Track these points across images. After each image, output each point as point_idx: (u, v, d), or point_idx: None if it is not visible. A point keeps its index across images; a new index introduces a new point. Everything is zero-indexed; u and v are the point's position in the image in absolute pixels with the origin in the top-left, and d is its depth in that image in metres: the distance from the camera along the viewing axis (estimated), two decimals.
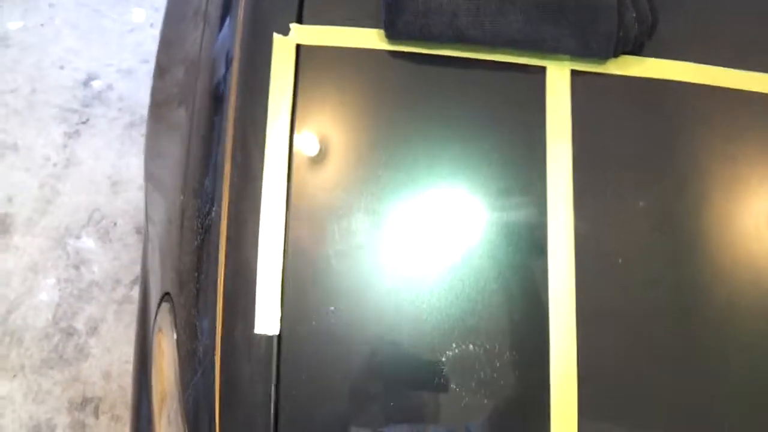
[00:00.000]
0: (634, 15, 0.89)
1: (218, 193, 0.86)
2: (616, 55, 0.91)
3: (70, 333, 1.87)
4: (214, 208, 0.86)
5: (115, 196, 2.08)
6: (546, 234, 0.86)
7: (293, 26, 0.92)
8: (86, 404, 1.79)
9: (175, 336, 0.89)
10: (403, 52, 0.91)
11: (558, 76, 0.91)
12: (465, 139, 0.89)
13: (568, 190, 0.87)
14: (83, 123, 2.18)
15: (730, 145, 0.92)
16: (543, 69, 0.91)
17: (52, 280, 1.93)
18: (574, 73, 0.91)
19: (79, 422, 1.78)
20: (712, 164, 0.91)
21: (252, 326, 0.81)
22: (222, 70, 0.94)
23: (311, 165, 0.88)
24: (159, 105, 1.20)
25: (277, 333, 0.81)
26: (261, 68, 0.90)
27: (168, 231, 0.99)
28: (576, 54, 0.90)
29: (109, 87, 2.26)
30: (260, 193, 0.85)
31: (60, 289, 1.92)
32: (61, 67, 2.26)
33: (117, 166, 2.12)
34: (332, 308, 0.83)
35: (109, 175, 2.11)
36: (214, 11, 1.04)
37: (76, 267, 1.96)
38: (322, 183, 0.87)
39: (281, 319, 0.82)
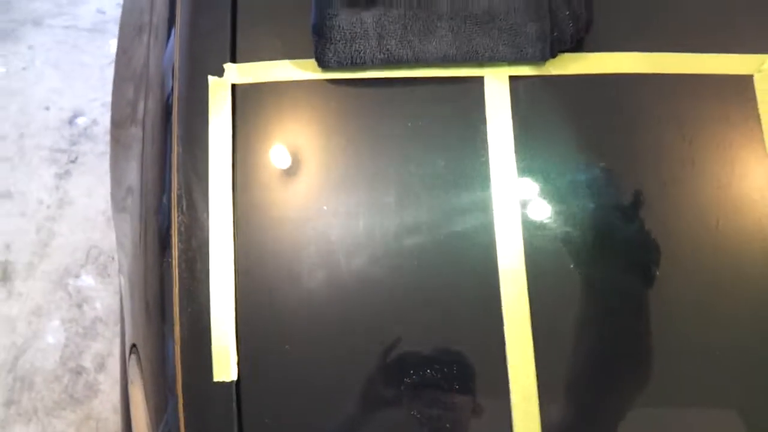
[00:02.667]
0: (568, 13, 0.88)
1: (167, 241, 0.86)
2: (553, 56, 0.89)
3: (78, 372, 1.90)
4: (166, 260, 0.86)
5: (110, 230, 2.10)
6: (495, 250, 0.85)
7: (227, 66, 0.91)
8: None
9: (143, 388, 0.89)
10: (339, 80, 0.91)
11: (496, 85, 0.90)
12: (409, 158, 0.88)
13: (514, 201, 0.86)
14: (72, 162, 2.21)
15: (684, 132, 0.90)
16: (480, 79, 0.90)
17: (56, 322, 1.96)
18: (513, 79, 0.90)
19: None
20: (667, 154, 0.89)
21: (210, 375, 0.81)
22: (170, 85, 0.94)
23: (256, 205, 0.88)
24: (118, 125, 1.20)
25: (235, 379, 0.81)
26: (199, 114, 0.89)
27: (130, 275, 0.99)
28: (512, 60, 0.89)
29: (95, 122, 2.27)
30: (208, 241, 0.85)
31: (65, 330, 1.95)
32: (47, 108, 2.28)
33: (110, 200, 2.13)
34: (287, 347, 0.83)
35: (103, 211, 2.13)
36: (160, 24, 1.03)
37: (79, 306, 1.99)
38: (268, 222, 0.87)
39: (238, 364, 0.82)
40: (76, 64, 2.37)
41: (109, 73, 2.34)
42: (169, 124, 0.91)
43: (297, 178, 0.89)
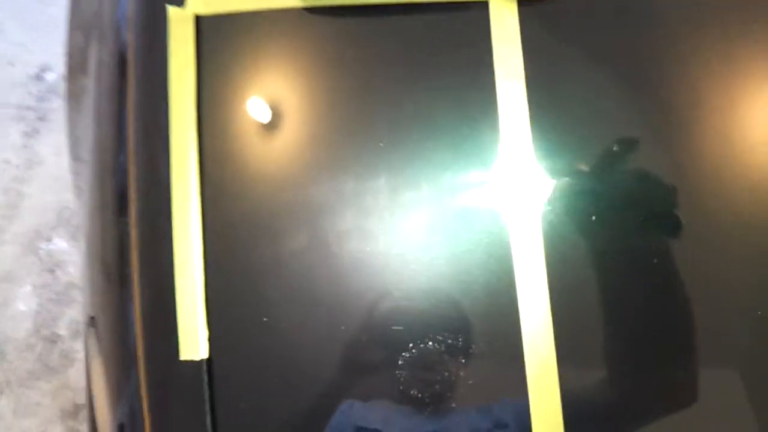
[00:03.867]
0: None
1: (125, 201, 0.75)
2: None
3: (53, 340, 1.80)
4: (122, 219, 0.75)
5: None
6: (505, 205, 0.74)
7: None
8: (78, 411, 1.73)
9: (103, 365, 0.79)
10: (322, 9, 0.78)
11: (503, 10, 0.77)
12: (404, 101, 0.76)
13: (526, 138, 0.75)
14: (41, 119, 2.07)
15: (713, 58, 0.78)
16: (485, 4, 0.77)
17: (28, 288, 1.85)
18: (521, 4, 0.77)
19: (73, 430, 1.72)
20: (703, 79, 0.77)
21: (176, 352, 0.70)
22: (125, 35, 0.82)
23: (226, 159, 0.76)
24: (70, 75, 1.08)
25: (206, 356, 0.70)
26: (156, 51, 0.77)
27: (87, 239, 0.88)
28: None
29: (63, 77, 2.13)
30: (169, 197, 0.73)
31: (37, 296, 1.84)
32: (11, 64, 2.14)
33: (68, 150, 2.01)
34: (265, 319, 0.72)
35: None
36: None
37: (51, 271, 1.88)
38: (240, 178, 0.75)
39: (209, 340, 0.71)
40: (42, 17, 2.22)
41: None
42: (125, 76, 0.78)
43: (274, 126, 0.77)
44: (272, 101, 0.77)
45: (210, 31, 0.78)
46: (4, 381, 1.75)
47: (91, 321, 0.83)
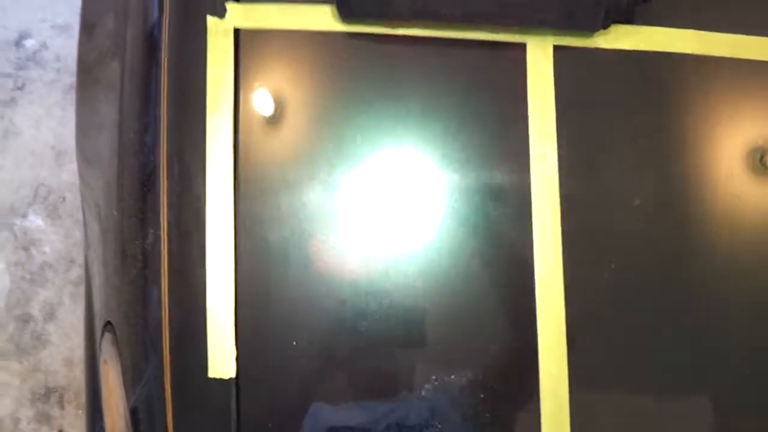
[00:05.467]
0: None
1: (155, 213, 0.74)
2: (605, 27, 0.79)
3: (25, 320, 1.76)
4: (151, 231, 0.75)
5: (60, 168, 1.93)
6: (531, 224, 0.76)
7: (230, 5, 0.78)
8: (50, 394, 1.71)
9: (121, 374, 0.79)
10: (361, 34, 0.79)
11: (539, 54, 0.79)
12: (439, 131, 0.78)
13: (553, 177, 0.77)
14: (19, 89, 2.00)
15: (733, 117, 0.82)
16: (523, 46, 0.79)
17: (1, 265, 1.80)
18: (557, 49, 0.80)
19: (43, 414, 1.69)
20: (714, 139, 0.81)
21: (205, 369, 0.71)
22: (155, 12, 0.81)
23: (261, 177, 0.76)
24: (90, 66, 1.05)
25: (234, 376, 0.71)
26: (194, 62, 0.76)
27: (104, 244, 0.87)
28: (560, 28, 0.78)
29: (44, 46, 2.06)
30: (204, 214, 0.73)
31: (10, 274, 1.80)
32: None
33: (60, 134, 1.95)
34: (294, 342, 0.73)
35: (53, 145, 1.95)
36: None
37: (26, 248, 1.83)
38: (274, 197, 0.76)
39: (237, 359, 0.72)
40: None
41: None
42: (154, 55, 0.78)
43: (308, 147, 0.77)
44: (308, 121, 0.78)
45: (249, 44, 0.78)
46: None
47: (108, 326, 0.83)
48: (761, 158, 0.83)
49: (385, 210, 0.76)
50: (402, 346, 0.76)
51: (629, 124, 0.81)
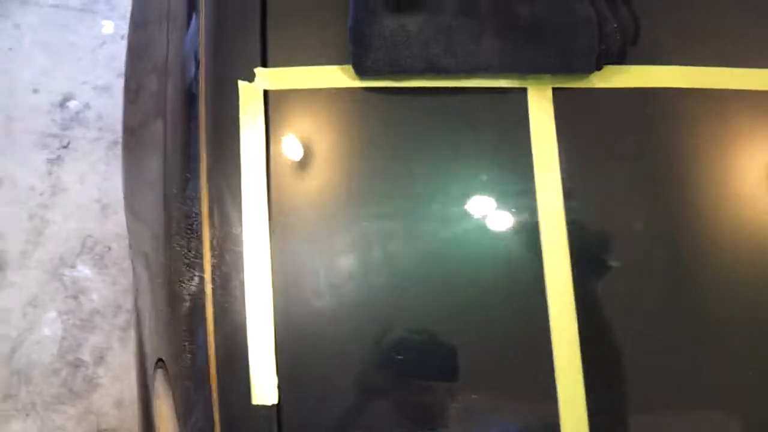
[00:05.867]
0: (615, 25, 0.85)
1: (199, 258, 0.83)
2: (599, 68, 0.86)
3: (77, 365, 1.86)
4: (197, 274, 0.83)
5: (105, 219, 2.05)
6: (542, 271, 0.83)
7: (258, 71, 0.87)
8: None
9: (173, 407, 0.87)
10: (376, 88, 0.87)
11: (540, 97, 0.87)
12: (451, 174, 0.86)
13: (560, 214, 0.84)
14: (64, 147, 2.14)
15: (728, 148, 0.88)
16: (524, 90, 0.87)
17: (52, 314, 1.91)
18: (556, 91, 0.87)
19: None
20: (712, 171, 0.87)
21: (249, 397, 0.78)
22: (192, 69, 0.90)
23: (292, 220, 0.84)
24: (135, 129, 1.15)
25: (276, 402, 0.79)
26: (229, 121, 0.86)
27: (153, 290, 0.96)
28: (557, 73, 0.86)
29: (87, 106, 2.20)
30: (242, 255, 0.82)
31: (62, 322, 1.91)
32: (35, 91, 2.21)
33: (104, 188, 2.08)
34: (329, 371, 0.80)
35: (98, 199, 2.07)
36: (179, 11, 0.99)
37: (75, 297, 1.94)
38: (305, 237, 0.84)
39: (278, 387, 0.79)
40: (66, 44, 2.29)
41: (101, 55, 2.27)
42: (193, 110, 0.87)
43: (334, 191, 0.86)
44: (332, 168, 0.86)
45: (277, 103, 0.87)
46: (29, 404, 1.81)
47: (159, 363, 0.91)
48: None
49: (409, 245, 0.84)
50: (437, 378, 0.82)
51: (627, 155, 0.88)
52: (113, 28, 2.32)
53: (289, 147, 0.86)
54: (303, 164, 0.86)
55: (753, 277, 0.85)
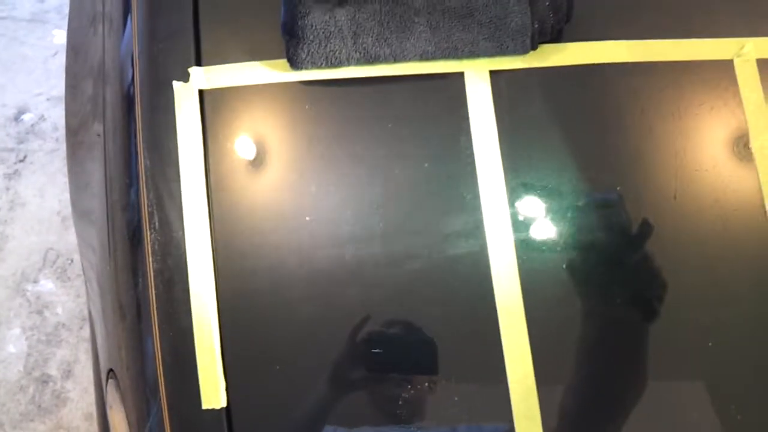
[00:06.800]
0: (548, 3, 0.85)
1: (143, 264, 0.82)
2: (534, 48, 0.86)
3: (44, 381, 1.83)
4: (140, 281, 0.82)
5: (66, 231, 2.02)
6: (486, 254, 0.82)
7: (192, 70, 0.86)
8: None
9: (126, 417, 0.85)
10: (313, 81, 0.86)
11: (477, 79, 0.86)
12: (392, 162, 0.85)
13: (502, 201, 0.84)
14: (21, 161, 2.11)
15: (668, 120, 0.88)
16: (461, 74, 0.87)
17: (17, 330, 1.88)
18: (493, 73, 0.87)
19: None
20: (653, 144, 0.88)
21: (198, 402, 0.77)
22: (129, 73, 0.89)
23: (234, 219, 0.83)
24: (76, 130, 1.13)
25: (225, 405, 0.78)
26: (165, 123, 0.84)
27: (102, 297, 0.94)
28: (492, 55, 0.85)
29: (42, 118, 2.17)
30: (185, 260, 0.80)
31: (27, 338, 1.88)
32: None
33: (64, 199, 2.05)
34: (278, 367, 0.79)
35: (58, 211, 2.04)
36: (114, 13, 0.97)
37: (39, 312, 1.91)
38: (248, 237, 0.83)
39: (227, 389, 0.78)
40: (17, 57, 2.26)
41: (53, 65, 2.23)
42: (132, 114, 0.86)
43: (275, 188, 0.84)
44: (272, 164, 0.85)
45: (213, 102, 0.86)
46: None
47: (110, 374, 0.89)
48: (745, 144, 0.88)
49: (356, 238, 0.83)
50: (395, 371, 0.81)
51: (569, 135, 0.87)
52: (65, 37, 2.28)
53: (228, 146, 0.85)
54: (243, 162, 0.85)
55: (714, 251, 0.85)
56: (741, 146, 0.88)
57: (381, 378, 0.81)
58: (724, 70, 0.90)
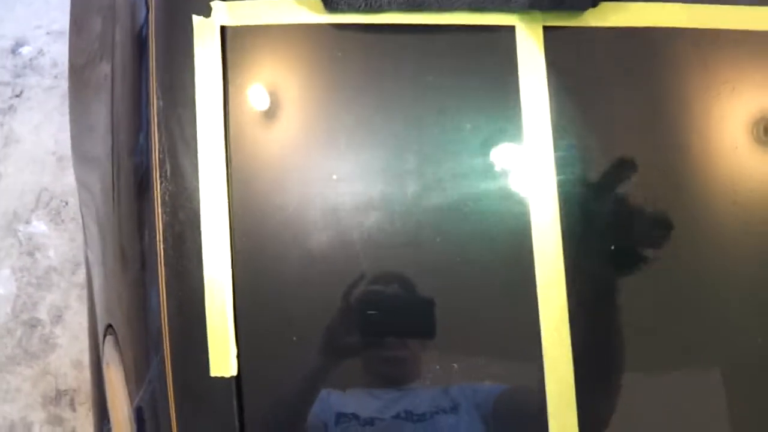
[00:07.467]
0: None
1: (151, 215, 0.74)
2: (594, 5, 0.78)
3: (33, 325, 1.77)
4: (147, 233, 0.74)
5: (62, 172, 1.94)
6: (528, 217, 0.76)
7: (214, 4, 0.77)
8: (60, 397, 1.72)
9: (123, 375, 0.79)
10: (347, 24, 0.78)
11: (529, 35, 0.79)
12: (429, 118, 0.77)
13: (549, 165, 0.77)
14: (17, 96, 2.01)
15: (725, 89, 0.81)
16: (512, 28, 0.79)
17: (6, 271, 1.82)
18: (547, 29, 0.79)
19: (56, 417, 1.71)
20: (715, 117, 0.81)
21: (206, 368, 0.71)
22: (143, 12, 0.81)
23: (253, 172, 0.76)
24: (81, 68, 1.05)
25: (235, 374, 0.71)
26: (182, 61, 0.76)
27: (103, 246, 0.87)
28: (549, 8, 0.77)
29: (41, 52, 2.07)
30: (198, 214, 0.73)
31: (16, 280, 1.81)
32: None
33: (60, 140, 1.96)
34: (294, 338, 0.73)
35: (53, 151, 1.96)
36: None
37: (31, 254, 1.84)
38: (268, 191, 0.76)
39: (238, 357, 0.72)
40: None
41: None
42: (145, 53, 0.78)
43: (300, 140, 0.77)
44: (298, 114, 0.78)
45: (235, 41, 0.78)
46: None
47: (109, 329, 0.83)
48: (766, 130, 0.82)
49: (383, 198, 0.76)
50: (408, 334, 0.76)
51: (624, 100, 0.80)
52: None
53: (251, 90, 0.77)
54: (265, 109, 0.77)
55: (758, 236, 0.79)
56: None
57: (403, 348, 0.75)
58: None
